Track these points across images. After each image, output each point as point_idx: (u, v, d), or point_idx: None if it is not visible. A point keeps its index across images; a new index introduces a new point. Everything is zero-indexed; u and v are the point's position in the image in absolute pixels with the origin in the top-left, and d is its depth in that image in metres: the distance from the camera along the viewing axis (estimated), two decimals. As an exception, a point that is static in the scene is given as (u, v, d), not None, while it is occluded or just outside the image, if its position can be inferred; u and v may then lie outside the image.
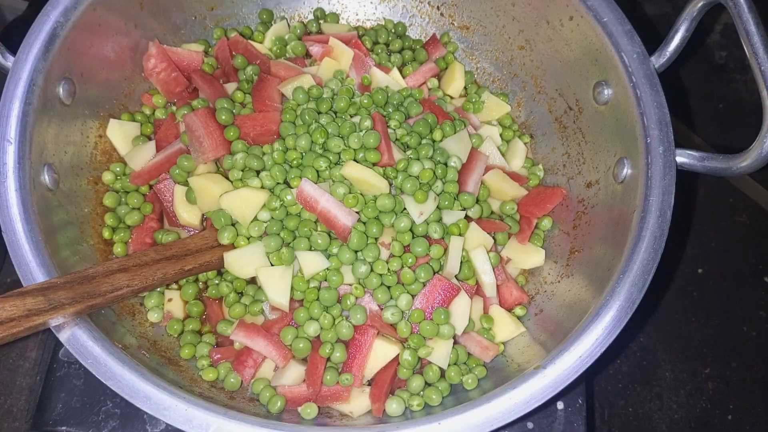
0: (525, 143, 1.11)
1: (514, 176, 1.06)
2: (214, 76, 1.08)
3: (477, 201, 1.00)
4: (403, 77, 1.12)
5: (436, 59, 1.17)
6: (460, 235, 0.95)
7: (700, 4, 0.86)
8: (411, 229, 0.94)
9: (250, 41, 1.11)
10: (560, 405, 0.98)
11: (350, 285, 0.92)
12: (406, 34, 1.21)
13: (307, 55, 1.13)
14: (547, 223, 1.04)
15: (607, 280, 0.80)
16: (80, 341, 0.74)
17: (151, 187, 1.01)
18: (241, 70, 1.08)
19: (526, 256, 1.01)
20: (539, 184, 1.09)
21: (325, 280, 0.91)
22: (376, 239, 0.93)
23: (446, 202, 0.95)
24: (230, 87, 1.06)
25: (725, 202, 1.38)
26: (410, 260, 0.92)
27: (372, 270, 0.91)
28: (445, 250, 0.94)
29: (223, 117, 0.97)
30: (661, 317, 1.30)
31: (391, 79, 1.08)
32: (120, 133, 1.01)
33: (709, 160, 0.83)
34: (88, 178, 0.96)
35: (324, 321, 0.88)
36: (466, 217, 0.98)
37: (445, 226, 0.95)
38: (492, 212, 1.04)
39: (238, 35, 1.11)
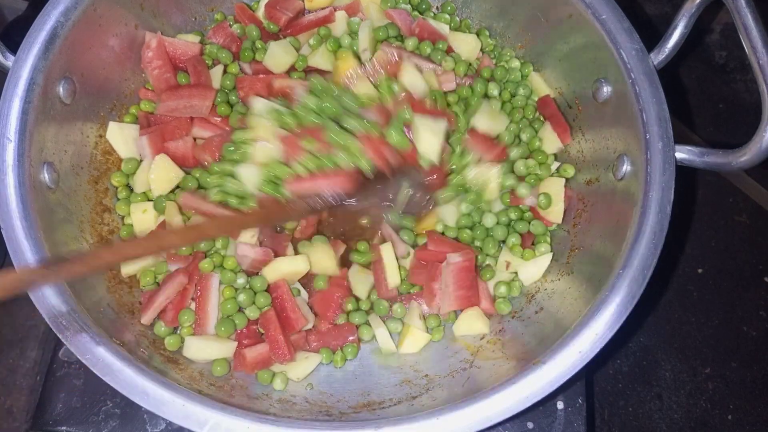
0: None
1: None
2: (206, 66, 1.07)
3: None
4: None
5: None
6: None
7: (698, 1, 0.86)
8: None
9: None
10: (560, 405, 0.98)
11: None
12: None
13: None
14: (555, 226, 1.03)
15: (607, 276, 0.80)
16: (79, 338, 0.74)
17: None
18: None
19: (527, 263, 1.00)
20: None
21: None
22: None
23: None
24: (217, 71, 1.06)
25: (725, 202, 1.38)
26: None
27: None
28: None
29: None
30: (661, 317, 1.30)
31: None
32: (120, 136, 1.00)
33: (708, 155, 0.83)
34: (88, 177, 0.96)
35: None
36: None
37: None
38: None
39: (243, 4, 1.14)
